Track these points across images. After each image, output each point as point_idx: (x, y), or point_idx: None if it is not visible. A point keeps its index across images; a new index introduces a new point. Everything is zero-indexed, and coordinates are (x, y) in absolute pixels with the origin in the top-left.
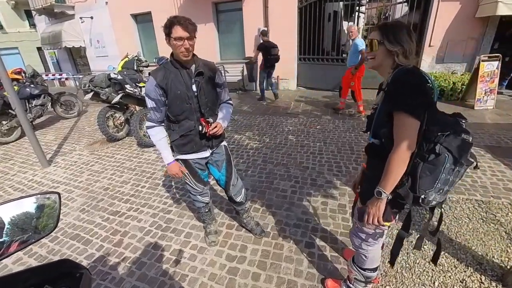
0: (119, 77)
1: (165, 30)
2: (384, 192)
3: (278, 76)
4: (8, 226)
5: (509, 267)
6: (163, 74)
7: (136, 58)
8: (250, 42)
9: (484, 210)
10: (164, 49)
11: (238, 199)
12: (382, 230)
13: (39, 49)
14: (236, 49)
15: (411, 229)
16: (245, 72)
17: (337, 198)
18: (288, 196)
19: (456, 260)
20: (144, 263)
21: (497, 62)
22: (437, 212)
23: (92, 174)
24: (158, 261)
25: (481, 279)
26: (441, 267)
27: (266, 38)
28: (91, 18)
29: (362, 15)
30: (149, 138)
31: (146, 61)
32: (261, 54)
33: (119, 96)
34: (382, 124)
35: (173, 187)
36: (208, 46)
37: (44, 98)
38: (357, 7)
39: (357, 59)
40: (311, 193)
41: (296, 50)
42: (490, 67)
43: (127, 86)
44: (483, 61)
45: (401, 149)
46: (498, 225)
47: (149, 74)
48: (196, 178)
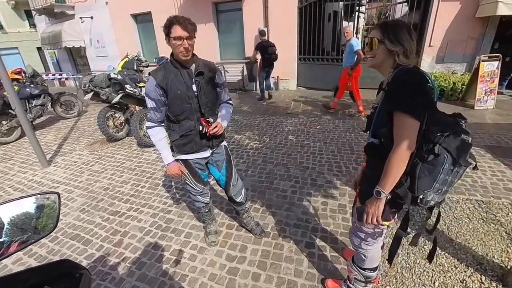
0: (119, 77)
1: (165, 30)
2: (383, 192)
3: (278, 76)
4: (8, 226)
5: (510, 267)
6: (163, 74)
7: (136, 58)
8: (250, 42)
9: (484, 210)
10: (164, 49)
11: (238, 199)
12: (381, 230)
13: (39, 49)
14: (236, 49)
15: (411, 229)
16: (245, 72)
17: (337, 198)
18: (288, 196)
19: (457, 260)
20: (144, 263)
21: (497, 62)
22: (435, 211)
23: (92, 174)
24: (158, 261)
25: (482, 279)
26: (441, 267)
27: (265, 38)
28: (91, 18)
29: (362, 15)
30: (149, 138)
31: (146, 61)
32: (260, 54)
33: (119, 96)
34: (382, 124)
35: (173, 187)
36: (208, 46)
37: (44, 98)
38: (357, 7)
39: (353, 60)
40: (311, 193)
41: (296, 50)
42: (490, 67)
43: (127, 86)
44: (483, 61)
45: (401, 149)
46: (498, 225)
47: (149, 74)
48: (196, 178)
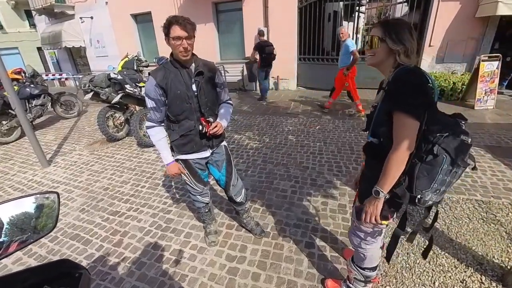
0: (119, 77)
1: (164, 30)
2: (382, 192)
3: (278, 76)
4: (7, 226)
5: (510, 267)
6: (163, 74)
7: (136, 58)
8: (250, 42)
9: (484, 210)
10: (164, 49)
11: (238, 199)
12: (381, 229)
13: (39, 49)
14: (236, 49)
15: (411, 228)
16: (245, 72)
17: (337, 198)
18: (288, 196)
19: (457, 260)
20: (144, 263)
21: (497, 62)
22: (433, 210)
23: (92, 174)
24: (158, 261)
25: (482, 279)
26: (441, 267)
27: (263, 38)
28: (91, 18)
29: (362, 15)
30: (149, 138)
31: (146, 61)
32: (258, 54)
33: (119, 96)
34: (382, 123)
35: (173, 187)
36: (208, 46)
37: (44, 98)
38: (357, 7)
39: (349, 60)
40: (311, 193)
41: (296, 50)
42: (490, 67)
43: (127, 86)
44: (483, 61)
45: (400, 150)
46: (499, 225)
47: (149, 74)
48: (196, 178)
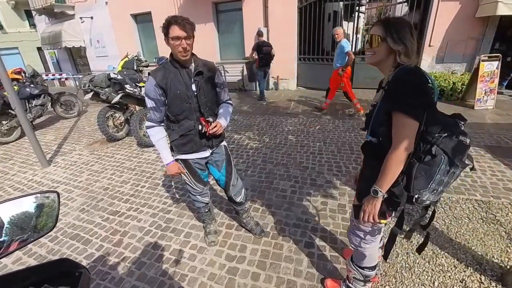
0: (119, 77)
1: (163, 30)
2: (380, 191)
3: (278, 76)
4: (8, 226)
5: (509, 267)
6: (163, 74)
7: (136, 58)
8: (250, 42)
9: (484, 210)
10: (164, 49)
11: (238, 199)
12: (380, 228)
13: (39, 49)
14: (236, 49)
15: (409, 226)
16: (245, 72)
17: (337, 198)
18: (288, 196)
19: (456, 260)
20: (144, 263)
21: (497, 62)
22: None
23: (92, 174)
24: (158, 261)
25: (481, 279)
26: (441, 267)
27: (262, 39)
28: (91, 18)
29: (362, 15)
30: (149, 138)
31: (146, 61)
32: (256, 54)
33: (119, 96)
34: (381, 123)
35: (173, 187)
36: (208, 46)
37: (44, 98)
38: (357, 7)
39: (344, 60)
40: (311, 193)
41: (296, 50)
42: (490, 67)
43: (127, 86)
44: (483, 61)
45: (399, 150)
46: (498, 225)
47: (149, 74)
48: (196, 178)
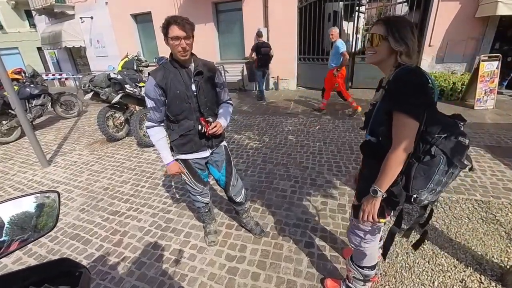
0: (119, 77)
1: (163, 30)
2: (380, 191)
3: (278, 76)
4: (8, 225)
5: (509, 267)
6: (163, 74)
7: (136, 58)
8: (250, 42)
9: (484, 210)
10: (164, 49)
11: (238, 199)
12: (379, 227)
13: (39, 49)
14: (236, 49)
15: (407, 225)
16: (245, 72)
17: (337, 198)
18: (288, 196)
19: (456, 260)
20: (144, 263)
21: (497, 62)
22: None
23: (92, 174)
24: (158, 261)
25: (481, 279)
26: (441, 267)
27: (261, 39)
28: (91, 18)
29: (362, 15)
30: (149, 138)
31: (146, 61)
32: (255, 54)
33: (119, 96)
34: (381, 122)
35: (173, 187)
36: (208, 46)
37: (44, 98)
38: (357, 7)
39: (339, 61)
40: (311, 193)
41: (296, 50)
42: (490, 67)
43: (127, 86)
44: (483, 61)
45: (399, 150)
46: (498, 225)
47: (149, 74)
48: (196, 178)
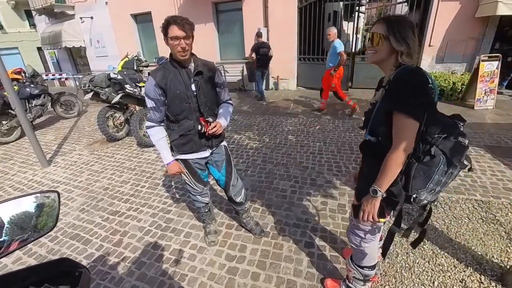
0: (119, 77)
1: (162, 30)
2: (380, 191)
3: (278, 76)
4: (8, 225)
5: (509, 267)
6: (162, 74)
7: (136, 58)
8: (250, 42)
9: (484, 210)
10: (164, 49)
11: (238, 200)
12: (379, 226)
13: (39, 49)
14: (236, 49)
15: (407, 225)
16: (245, 72)
17: (337, 198)
18: (288, 196)
19: (456, 260)
20: (144, 263)
21: (497, 62)
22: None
23: (92, 174)
24: (158, 261)
25: (481, 279)
26: (441, 267)
27: (261, 39)
28: (91, 18)
29: (362, 15)
30: (149, 138)
31: (146, 61)
32: (255, 55)
33: (119, 96)
34: (380, 122)
35: (173, 187)
36: (208, 46)
37: (44, 98)
38: (357, 7)
39: (336, 61)
40: (311, 193)
41: (296, 50)
42: (490, 67)
43: (127, 86)
44: (483, 61)
45: (399, 150)
46: (498, 225)
47: (149, 74)
48: (196, 178)
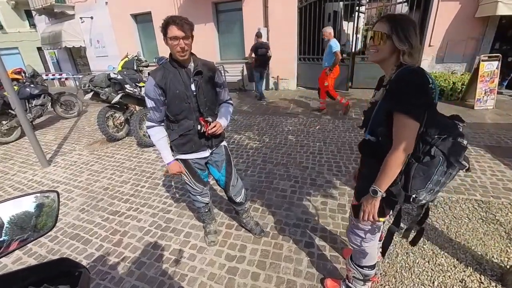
0: (119, 77)
1: (162, 30)
2: (380, 191)
3: (278, 76)
4: (8, 225)
5: (509, 267)
6: (162, 74)
7: (136, 58)
8: (250, 42)
9: (484, 210)
10: (164, 49)
11: (238, 200)
12: (379, 226)
13: (39, 49)
14: (236, 49)
15: (406, 225)
16: (245, 72)
17: (337, 198)
18: (288, 196)
19: (456, 260)
20: (144, 263)
21: (497, 62)
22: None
23: (92, 174)
24: (158, 261)
25: (481, 279)
26: (441, 267)
27: (261, 40)
28: (91, 18)
29: (362, 15)
30: (149, 138)
31: (146, 61)
32: (254, 55)
33: (119, 96)
34: (380, 122)
35: (173, 187)
36: (208, 46)
37: (44, 98)
38: (357, 7)
39: (332, 60)
40: (311, 193)
41: (296, 50)
42: (490, 67)
43: (127, 86)
44: (483, 61)
45: (400, 151)
46: (498, 225)
47: (149, 74)
48: (196, 178)
